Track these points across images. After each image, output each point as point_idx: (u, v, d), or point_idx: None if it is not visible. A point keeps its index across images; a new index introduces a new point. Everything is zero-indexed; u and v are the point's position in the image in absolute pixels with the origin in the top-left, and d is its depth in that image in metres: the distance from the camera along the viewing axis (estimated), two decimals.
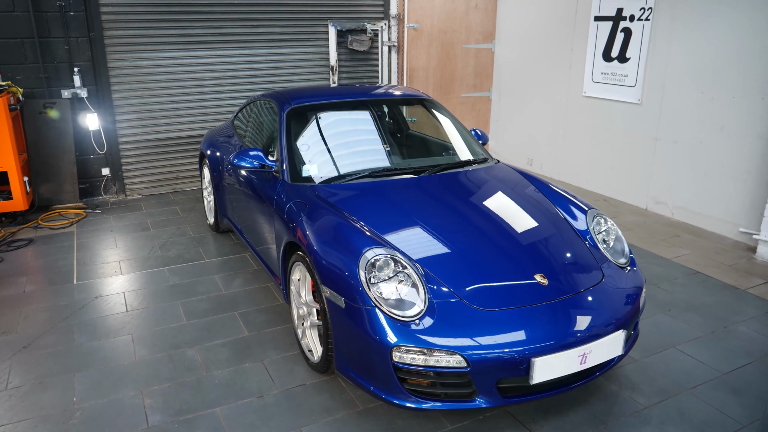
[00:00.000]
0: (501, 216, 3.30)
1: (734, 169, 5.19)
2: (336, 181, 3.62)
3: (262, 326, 3.73)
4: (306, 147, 3.89)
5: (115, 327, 3.71)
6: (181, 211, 5.98)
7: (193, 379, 3.17)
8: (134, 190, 6.54)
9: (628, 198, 6.30)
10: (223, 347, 3.49)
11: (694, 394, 3.08)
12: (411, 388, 2.60)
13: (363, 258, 2.74)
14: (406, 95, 4.61)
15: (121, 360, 3.35)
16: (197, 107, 6.61)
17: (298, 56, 7.01)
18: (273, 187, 3.73)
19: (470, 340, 2.52)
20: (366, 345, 2.63)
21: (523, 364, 2.52)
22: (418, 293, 2.66)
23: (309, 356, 3.25)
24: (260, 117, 4.61)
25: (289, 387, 3.11)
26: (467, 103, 8.03)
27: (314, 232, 3.07)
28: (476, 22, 7.71)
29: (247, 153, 3.78)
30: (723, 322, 3.81)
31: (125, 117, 6.29)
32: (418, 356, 2.51)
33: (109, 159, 6.30)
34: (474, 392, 2.57)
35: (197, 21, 6.34)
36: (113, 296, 4.13)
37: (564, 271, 2.94)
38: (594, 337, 2.66)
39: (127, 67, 6.16)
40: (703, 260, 4.79)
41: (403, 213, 3.25)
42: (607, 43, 6.20)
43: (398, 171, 3.76)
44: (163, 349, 3.46)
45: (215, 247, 5.02)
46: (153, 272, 4.52)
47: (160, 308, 3.96)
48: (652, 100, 5.83)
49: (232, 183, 4.58)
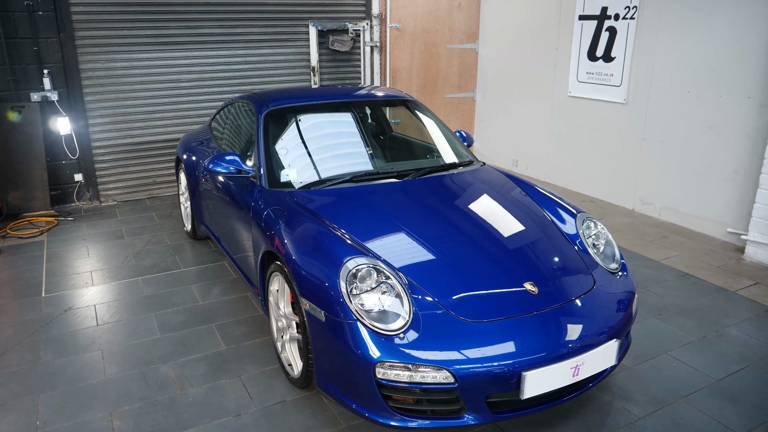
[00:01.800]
0: (488, 221, 3.17)
1: (722, 169, 5.12)
2: (316, 187, 3.48)
3: (241, 339, 3.56)
4: (285, 151, 3.73)
5: (84, 342, 3.52)
6: (158, 218, 5.79)
7: (166, 398, 3.00)
8: (109, 197, 6.33)
9: (615, 199, 6.22)
10: (199, 362, 3.32)
11: (689, 402, 2.98)
12: (396, 405, 2.45)
13: (344, 268, 2.60)
14: (388, 96, 4.48)
15: (90, 378, 3.17)
16: (173, 110, 6.42)
17: (278, 57, 6.85)
18: (250, 194, 3.57)
19: (458, 354, 2.38)
20: (348, 361, 2.48)
21: (513, 378, 2.39)
22: (402, 305, 2.52)
23: (289, 371, 3.09)
24: (237, 120, 4.45)
25: (269, 404, 2.95)
26: (451, 104, 7.92)
27: (293, 241, 2.92)
28: (459, 21, 7.60)
29: (223, 158, 3.62)
30: (715, 326, 3.72)
31: (98, 120, 6.08)
32: (402, 372, 2.37)
33: (82, 164, 6.08)
34: (462, 409, 2.44)
35: (173, 21, 6.15)
36: (83, 309, 3.93)
37: (554, 278, 2.82)
38: (587, 347, 2.54)
39: (100, 69, 5.95)
40: (693, 262, 4.71)
41: (386, 219, 3.11)
42: (592, 42, 6.12)
43: (381, 175, 3.61)
44: (135, 366, 3.28)
45: (192, 255, 4.84)
46: (126, 283, 4.33)
47: (133, 321, 3.77)
48: (638, 99, 5.75)
49: (208, 189, 4.41)
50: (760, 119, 4.75)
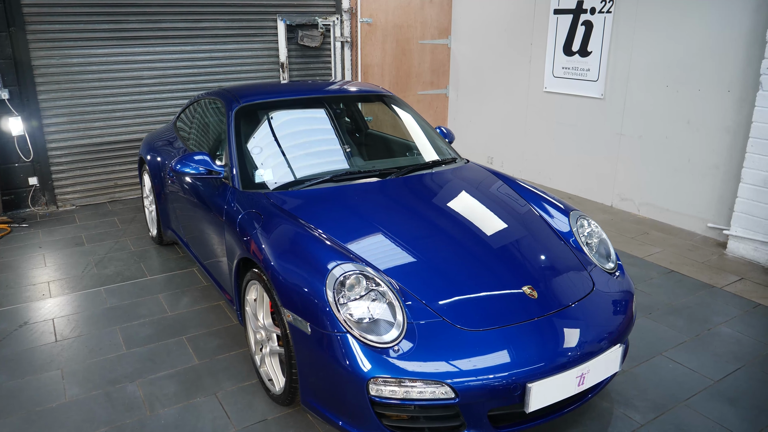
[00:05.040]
0: (479, 222, 3.00)
1: (701, 163, 5.08)
2: (293, 187, 3.25)
3: (215, 352, 3.31)
4: (258, 150, 3.49)
5: (42, 361, 3.22)
6: (120, 223, 5.45)
7: (134, 421, 2.74)
8: (67, 201, 5.95)
9: (593, 195, 6.15)
10: (170, 380, 3.06)
11: (690, 406, 2.86)
12: (390, 424, 2.26)
13: (330, 276, 2.39)
14: (364, 91, 4.27)
15: (49, 401, 2.88)
16: (135, 109, 6.08)
17: (245, 53, 6.56)
18: (222, 196, 3.32)
19: (458, 366, 2.20)
20: (337, 376, 2.28)
21: (517, 390, 2.22)
22: (395, 314, 2.33)
23: (270, 386, 2.86)
24: (205, 118, 4.18)
25: (248, 424, 2.72)
26: (424, 101, 7.76)
27: (271, 246, 2.69)
28: (431, 16, 7.44)
29: (192, 158, 3.36)
30: (706, 324, 3.64)
31: (54, 120, 5.71)
32: (398, 388, 2.18)
33: (36, 167, 5.70)
34: (463, 425, 2.26)
35: (133, 14, 5.81)
36: (40, 324, 3.62)
37: (552, 280, 2.66)
38: (592, 354, 2.39)
39: (55, 66, 5.58)
40: (676, 258, 4.64)
41: (370, 221, 2.91)
42: (568, 36, 6.03)
43: (362, 174, 3.41)
44: (99, 386, 3.00)
45: (159, 262, 4.54)
46: (87, 294, 4.02)
47: (96, 336, 3.48)
48: (616, 94, 5.68)
49: (175, 191, 4.13)
50: (740, 113, 4.71)
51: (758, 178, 4.44)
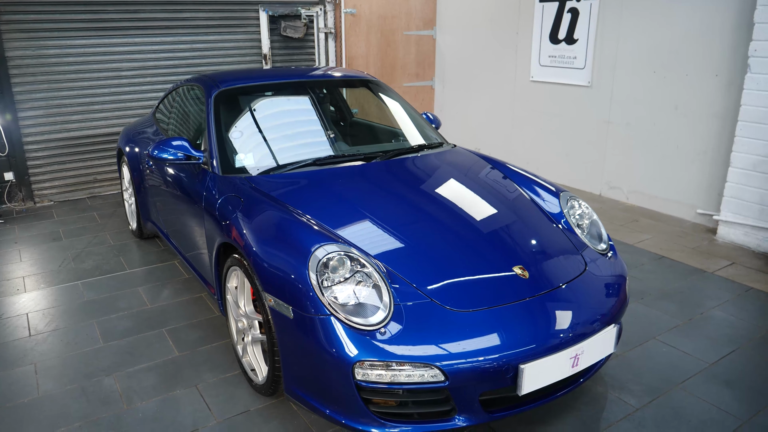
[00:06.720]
0: (468, 203, 2.91)
1: (690, 149, 5.03)
2: (275, 172, 3.14)
3: (196, 344, 3.19)
4: (239, 134, 3.38)
5: (14, 356, 3.09)
6: (100, 218, 5.31)
7: (110, 415, 2.62)
8: (44, 197, 5.79)
9: (581, 184, 6.09)
10: (149, 372, 2.94)
11: (686, 389, 2.79)
12: (378, 410, 2.16)
13: (313, 257, 2.29)
14: (348, 76, 4.17)
15: (21, 397, 2.75)
16: (114, 101, 5.93)
17: (227, 44, 6.43)
18: (201, 182, 3.21)
19: (447, 349, 2.11)
20: (322, 362, 2.17)
21: (509, 372, 2.14)
22: (381, 296, 2.23)
23: (252, 377, 2.75)
24: (185, 105, 4.06)
25: (230, 416, 2.61)
26: (410, 92, 7.66)
27: (252, 230, 2.59)
28: (416, 7, 7.35)
29: (170, 143, 3.25)
30: (699, 308, 3.58)
31: (30, 114, 5.54)
32: (386, 372, 2.08)
33: (12, 162, 5.53)
34: (453, 410, 2.17)
35: (111, 4, 5.66)
36: (13, 318, 3.48)
37: (544, 261, 2.58)
38: (585, 334, 2.31)
39: (30, 57, 5.42)
40: (666, 244, 4.59)
41: (356, 204, 2.81)
42: (554, 24, 5.96)
43: (346, 158, 3.31)
44: (74, 380, 2.87)
45: (139, 256, 4.41)
46: (64, 287, 3.89)
47: (72, 330, 3.35)
48: (603, 81, 5.63)
49: (155, 181, 4.00)
50: (728, 97, 4.67)
51: (747, 162, 4.40)
